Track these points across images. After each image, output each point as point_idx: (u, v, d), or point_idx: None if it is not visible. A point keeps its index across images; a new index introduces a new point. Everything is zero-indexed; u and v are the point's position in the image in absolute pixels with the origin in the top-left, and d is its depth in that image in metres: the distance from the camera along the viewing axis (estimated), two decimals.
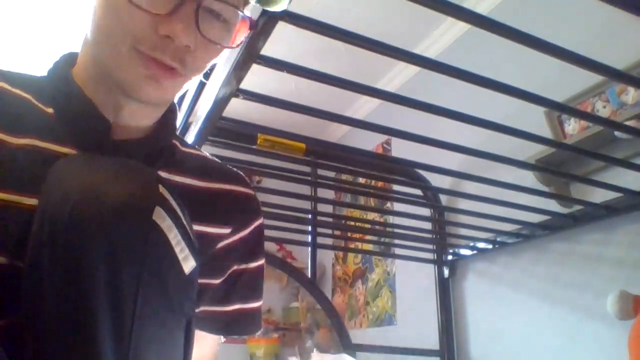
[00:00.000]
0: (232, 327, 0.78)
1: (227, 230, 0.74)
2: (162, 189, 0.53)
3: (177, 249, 0.53)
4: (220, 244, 0.73)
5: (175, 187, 0.63)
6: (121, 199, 0.49)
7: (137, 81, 0.60)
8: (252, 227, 0.77)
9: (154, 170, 0.57)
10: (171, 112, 0.72)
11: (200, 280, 0.60)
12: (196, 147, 0.81)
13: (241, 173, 0.79)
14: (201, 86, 1.03)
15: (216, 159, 0.80)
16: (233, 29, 0.64)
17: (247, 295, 0.78)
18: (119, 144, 0.65)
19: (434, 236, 2.06)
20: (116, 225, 0.48)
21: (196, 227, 0.62)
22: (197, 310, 0.75)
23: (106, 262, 0.48)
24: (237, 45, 0.69)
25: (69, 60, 0.68)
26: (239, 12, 0.63)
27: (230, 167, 0.80)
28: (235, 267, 0.77)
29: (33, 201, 0.54)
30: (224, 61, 0.86)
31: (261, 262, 0.80)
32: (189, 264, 0.55)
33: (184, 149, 0.76)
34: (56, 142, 0.60)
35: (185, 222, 0.55)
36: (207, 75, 0.70)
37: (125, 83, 0.60)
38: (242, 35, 0.66)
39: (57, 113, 0.63)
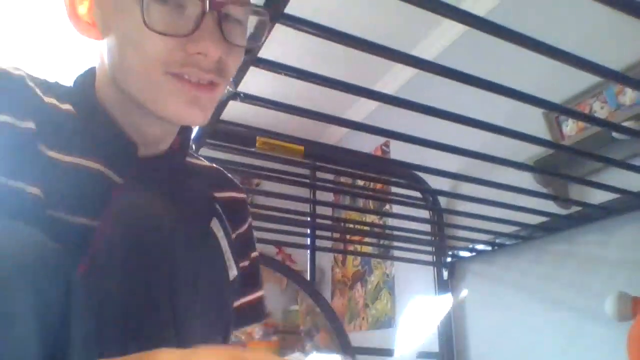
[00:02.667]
0: (238, 321, 0.80)
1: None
2: (216, 204, 0.60)
3: (225, 257, 0.60)
4: None
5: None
6: (183, 213, 0.56)
7: (181, 109, 0.59)
8: (246, 224, 0.82)
9: (207, 189, 0.64)
10: (187, 127, 0.73)
11: None
12: (199, 155, 0.84)
13: (235, 178, 0.84)
14: None
15: (216, 166, 0.83)
16: (255, 27, 0.64)
17: (248, 289, 0.81)
18: (145, 161, 0.67)
19: (433, 238, 2.06)
20: (180, 232, 0.55)
21: None
22: None
23: (166, 269, 0.53)
24: (263, 42, 0.67)
25: (91, 80, 0.67)
26: (255, 9, 0.62)
27: (226, 171, 0.83)
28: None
29: (82, 220, 0.57)
30: None
31: (256, 252, 0.85)
32: (233, 272, 0.62)
33: (192, 160, 0.79)
34: (92, 160, 0.61)
35: (230, 233, 0.62)
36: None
37: (169, 114, 0.60)
38: (265, 30, 0.64)
39: (86, 133, 0.63)
